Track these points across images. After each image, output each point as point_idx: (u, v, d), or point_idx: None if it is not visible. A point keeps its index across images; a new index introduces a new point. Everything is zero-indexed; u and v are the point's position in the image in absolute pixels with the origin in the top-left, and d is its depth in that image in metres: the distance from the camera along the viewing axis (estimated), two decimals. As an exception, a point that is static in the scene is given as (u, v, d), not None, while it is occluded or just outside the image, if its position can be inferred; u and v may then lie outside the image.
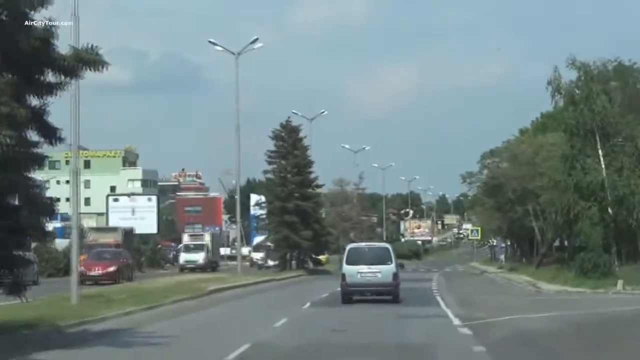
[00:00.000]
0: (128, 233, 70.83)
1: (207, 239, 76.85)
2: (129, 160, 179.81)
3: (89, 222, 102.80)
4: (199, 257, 72.11)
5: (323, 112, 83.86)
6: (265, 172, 72.36)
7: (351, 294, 34.06)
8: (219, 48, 61.04)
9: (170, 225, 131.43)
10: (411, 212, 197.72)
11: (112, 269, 49.63)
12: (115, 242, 64.52)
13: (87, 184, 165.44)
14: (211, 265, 71.92)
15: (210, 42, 61.30)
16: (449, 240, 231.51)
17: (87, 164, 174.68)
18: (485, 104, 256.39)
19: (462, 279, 63.60)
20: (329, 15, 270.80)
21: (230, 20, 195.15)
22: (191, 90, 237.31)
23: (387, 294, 34.07)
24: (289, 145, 71.13)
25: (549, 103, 54.31)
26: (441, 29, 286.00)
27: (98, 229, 73.48)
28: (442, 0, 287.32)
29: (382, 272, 33.61)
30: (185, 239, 79.40)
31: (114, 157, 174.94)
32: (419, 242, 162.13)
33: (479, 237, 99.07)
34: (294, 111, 75.32)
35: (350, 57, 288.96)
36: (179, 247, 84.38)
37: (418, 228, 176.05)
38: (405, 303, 33.79)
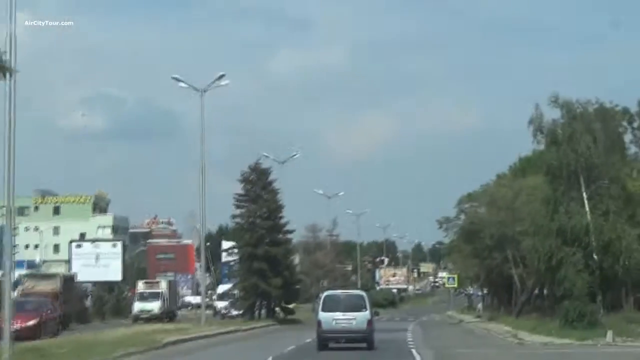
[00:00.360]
0: (68, 280, 65.31)
1: (163, 286, 72.64)
2: (100, 206, 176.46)
3: (57, 270, 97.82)
4: (154, 306, 68.06)
5: (295, 155, 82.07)
6: (234, 216, 69.12)
7: (327, 340, 34.28)
8: (184, 85, 58.75)
9: (141, 273, 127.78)
10: (386, 260, 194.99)
11: (31, 322, 43.18)
12: (53, 291, 58.69)
13: (56, 230, 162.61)
14: (168, 315, 68.13)
15: (174, 78, 59.04)
16: (426, 288, 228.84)
17: (56, 210, 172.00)
18: (461, 151, 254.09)
19: (439, 329, 60.59)
20: (307, 63, 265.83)
21: (207, 68, 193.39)
22: (167, 135, 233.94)
23: (361, 341, 34.19)
24: (259, 188, 68.08)
25: (531, 142, 51.69)
26: (418, 77, 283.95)
27: (34, 276, 67.73)
28: (418, 50, 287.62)
29: (357, 318, 33.94)
30: (140, 286, 73.65)
31: (84, 203, 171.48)
32: (395, 291, 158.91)
33: (455, 285, 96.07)
34: (264, 154, 73.24)
35: (327, 104, 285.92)
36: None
37: (393, 276, 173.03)
38: (377, 357, 30.84)
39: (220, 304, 77.18)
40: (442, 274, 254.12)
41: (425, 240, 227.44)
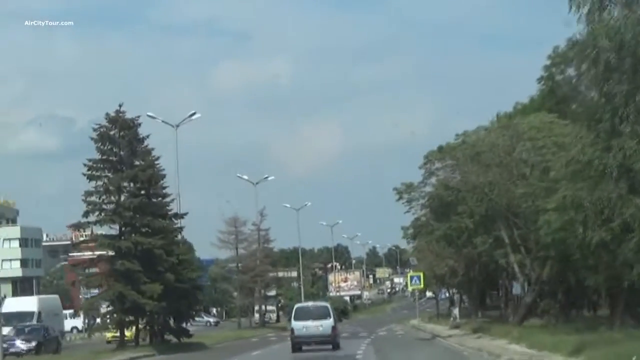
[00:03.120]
0: None
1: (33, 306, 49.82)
2: (6, 216, 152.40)
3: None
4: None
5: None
6: (87, 194, 45.24)
7: (300, 344, 40.14)
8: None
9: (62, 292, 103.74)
10: (337, 265, 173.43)
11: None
12: None
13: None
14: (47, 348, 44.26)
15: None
16: (383, 293, 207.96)
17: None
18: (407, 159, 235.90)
19: (405, 353, 37.96)
20: (253, 78, 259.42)
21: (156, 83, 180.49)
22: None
23: (328, 343, 40.13)
24: (124, 149, 44.80)
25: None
26: (361, 87, 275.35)
27: None
28: (363, 60, 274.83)
29: (324, 325, 40.17)
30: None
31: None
32: (346, 298, 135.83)
33: (421, 286, 73.34)
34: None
35: (275, 117, 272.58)
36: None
37: (345, 281, 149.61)
38: None
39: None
40: (398, 280, 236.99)
41: (380, 244, 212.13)
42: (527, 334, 38.37)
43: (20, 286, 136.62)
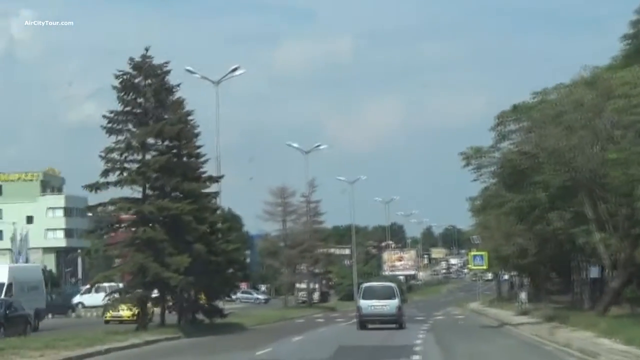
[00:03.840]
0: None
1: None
2: (52, 185, 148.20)
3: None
4: None
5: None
6: (108, 151, 38.95)
7: (366, 322, 41.99)
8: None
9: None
10: (392, 244, 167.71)
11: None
12: None
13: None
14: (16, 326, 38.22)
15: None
16: (438, 274, 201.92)
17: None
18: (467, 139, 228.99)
19: (474, 344, 31.74)
20: (315, 54, 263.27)
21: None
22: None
23: (393, 322, 42.11)
24: (150, 99, 38.79)
25: None
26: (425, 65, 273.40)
27: None
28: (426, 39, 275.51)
29: (389, 305, 42.15)
30: None
31: (31, 180, 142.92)
32: (401, 278, 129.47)
33: (485, 267, 66.94)
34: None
35: (335, 95, 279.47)
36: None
37: (400, 260, 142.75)
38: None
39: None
40: (454, 261, 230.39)
41: (436, 223, 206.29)
42: (617, 325, 32.09)
43: (64, 257, 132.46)
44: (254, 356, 27.83)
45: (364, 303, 42.17)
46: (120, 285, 42.26)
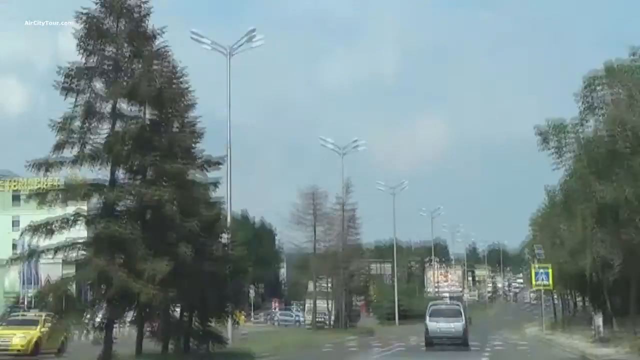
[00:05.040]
0: None
1: None
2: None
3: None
4: None
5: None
6: (65, 118, 28.83)
7: (433, 341, 43.29)
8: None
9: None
10: (436, 262, 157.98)
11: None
12: None
13: (15, 222, 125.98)
14: None
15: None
16: (484, 297, 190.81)
17: (15, 197, 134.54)
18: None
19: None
20: (360, 69, 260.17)
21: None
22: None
23: (459, 343, 43.22)
24: (121, 47, 28.89)
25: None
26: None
27: None
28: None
29: (455, 326, 43.39)
30: None
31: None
32: (446, 298, 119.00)
33: (550, 285, 56.36)
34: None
35: (380, 109, 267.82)
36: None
37: (445, 278, 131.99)
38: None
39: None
40: (500, 281, 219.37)
41: (481, 241, 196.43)
42: None
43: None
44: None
45: (431, 324, 43.70)
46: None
